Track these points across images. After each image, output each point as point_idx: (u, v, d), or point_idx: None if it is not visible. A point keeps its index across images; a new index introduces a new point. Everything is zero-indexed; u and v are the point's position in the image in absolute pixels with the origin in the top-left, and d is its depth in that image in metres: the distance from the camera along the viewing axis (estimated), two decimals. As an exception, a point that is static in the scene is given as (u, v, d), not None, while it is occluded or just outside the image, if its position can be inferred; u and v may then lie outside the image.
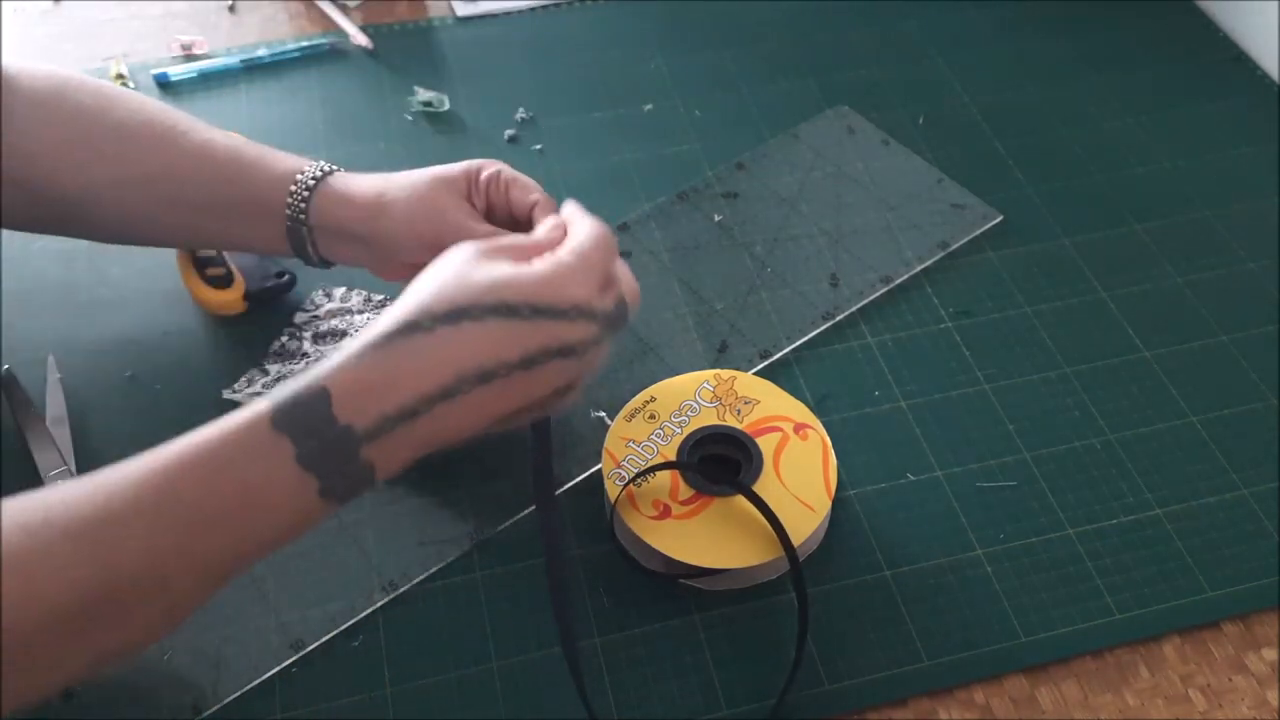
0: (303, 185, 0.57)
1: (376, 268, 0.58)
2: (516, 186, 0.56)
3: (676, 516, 0.54)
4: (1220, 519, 0.59)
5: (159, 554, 0.38)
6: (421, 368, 0.41)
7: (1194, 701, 0.53)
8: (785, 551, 0.53)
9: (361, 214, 0.56)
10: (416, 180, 0.56)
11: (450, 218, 0.55)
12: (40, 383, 0.63)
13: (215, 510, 0.39)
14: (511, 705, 0.52)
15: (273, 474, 0.40)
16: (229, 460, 0.39)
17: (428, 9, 0.89)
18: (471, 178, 0.56)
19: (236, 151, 0.58)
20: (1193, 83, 0.84)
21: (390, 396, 0.41)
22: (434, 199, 0.55)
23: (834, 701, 0.52)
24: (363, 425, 0.40)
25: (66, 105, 0.57)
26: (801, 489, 0.55)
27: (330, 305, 0.66)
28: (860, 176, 0.76)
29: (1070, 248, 0.72)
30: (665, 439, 0.57)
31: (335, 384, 0.41)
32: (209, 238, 0.61)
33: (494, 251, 0.45)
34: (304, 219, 0.57)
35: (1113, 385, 0.65)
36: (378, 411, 0.41)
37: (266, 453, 0.40)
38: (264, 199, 0.57)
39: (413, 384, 0.41)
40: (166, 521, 0.38)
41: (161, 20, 0.88)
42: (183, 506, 0.39)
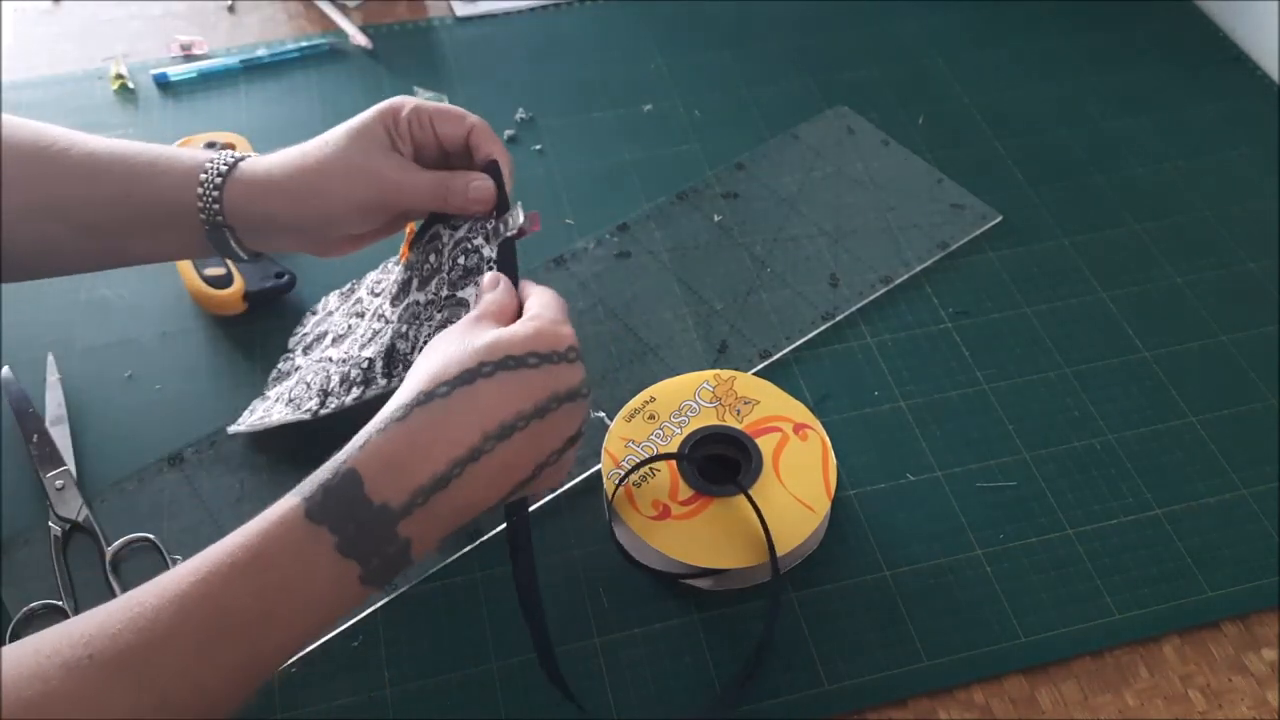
0: (211, 183, 0.51)
1: (316, 250, 0.55)
2: (442, 119, 0.53)
3: (676, 517, 0.54)
4: (1220, 519, 0.59)
5: (207, 669, 0.38)
6: (446, 433, 0.41)
7: (1194, 701, 0.53)
8: (769, 555, 0.53)
9: (287, 201, 0.52)
10: (336, 147, 0.52)
11: (387, 176, 0.52)
12: (40, 383, 0.63)
13: (259, 615, 0.39)
14: (511, 705, 0.52)
15: (315, 568, 0.39)
16: (271, 563, 0.39)
17: (427, 9, 0.89)
18: (388, 123, 0.52)
19: (126, 159, 0.52)
20: (1193, 83, 0.84)
21: (422, 467, 0.41)
22: (363, 163, 0.51)
23: (834, 701, 0.52)
24: (399, 501, 0.40)
25: None
26: (801, 489, 0.55)
27: (315, 319, 0.65)
28: (860, 177, 0.76)
29: (1070, 248, 0.72)
30: (665, 439, 0.57)
31: (364, 465, 0.40)
32: (123, 257, 0.55)
33: (480, 320, 0.46)
34: (221, 218, 0.52)
35: (1113, 385, 0.65)
36: (411, 484, 0.41)
37: (306, 547, 0.39)
38: (170, 206, 0.52)
39: (441, 450, 0.41)
40: (213, 636, 0.38)
41: (161, 20, 0.88)
42: (228, 618, 0.38)
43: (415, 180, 0.52)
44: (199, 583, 0.38)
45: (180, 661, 0.37)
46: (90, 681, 0.36)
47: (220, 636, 0.38)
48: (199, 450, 0.60)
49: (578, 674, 0.53)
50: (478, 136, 0.54)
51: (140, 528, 0.57)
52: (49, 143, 0.52)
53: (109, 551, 0.56)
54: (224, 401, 0.62)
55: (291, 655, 0.41)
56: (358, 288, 0.64)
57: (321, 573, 0.40)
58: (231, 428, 0.60)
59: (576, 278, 0.69)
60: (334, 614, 0.41)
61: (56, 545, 0.56)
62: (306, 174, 0.52)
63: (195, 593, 0.38)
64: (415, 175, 0.52)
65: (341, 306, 0.64)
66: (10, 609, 0.54)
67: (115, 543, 0.56)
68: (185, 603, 0.38)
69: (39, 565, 0.56)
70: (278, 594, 0.39)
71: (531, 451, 0.44)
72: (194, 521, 0.57)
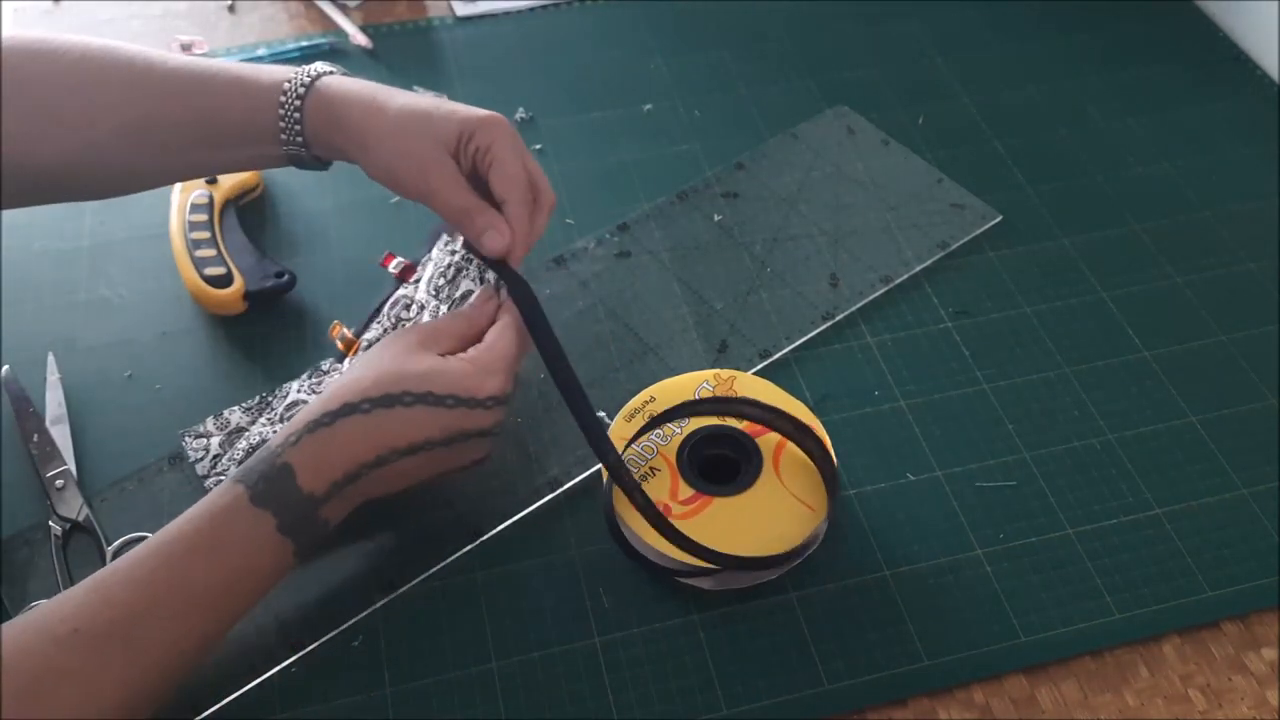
0: (291, 104, 0.54)
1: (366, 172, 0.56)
2: (498, 172, 0.54)
3: (677, 516, 0.54)
4: (1220, 519, 0.59)
5: (182, 637, 0.45)
6: (361, 442, 0.48)
7: (1194, 701, 0.53)
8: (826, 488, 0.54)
9: (345, 141, 0.54)
10: (410, 122, 0.53)
11: (430, 181, 0.53)
12: (40, 382, 0.63)
13: (222, 588, 0.46)
14: (511, 705, 0.52)
15: (262, 544, 0.47)
16: (226, 543, 0.46)
17: (428, 9, 0.89)
18: (463, 140, 0.54)
19: (208, 78, 0.54)
20: (1193, 83, 0.84)
21: (338, 466, 0.48)
22: (420, 155, 0.53)
23: (834, 701, 0.52)
24: (321, 491, 0.48)
25: (16, 76, 0.53)
26: (801, 489, 0.55)
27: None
28: (860, 176, 0.76)
29: (1070, 248, 0.72)
30: (665, 439, 0.57)
31: (296, 459, 0.47)
32: (201, 172, 0.58)
33: (430, 341, 0.52)
34: (300, 139, 0.54)
35: (1113, 385, 0.65)
36: (329, 479, 0.48)
37: (255, 528, 0.46)
38: (252, 126, 0.55)
39: (355, 455, 0.48)
40: (182, 607, 0.45)
41: (161, 20, 0.88)
42: (194, 591, 0.45)
43: (450, 195, 0.53)
44: (162, 567, 0.45)
45: (158, 632, 0.44)
46: (82, 653, 0.42)
47: (190, 609, 0.45)
48: (199, 450, 0.60)
49: (578, 674, 0.53)
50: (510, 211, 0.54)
51: (140, 528, 0.57)
52: (131, 63, 0.54)
53: (109, 551, 0.56)
54: (224, 401, 0.62)
55: (240, 617, 0.47)
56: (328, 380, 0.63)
57: (267, 548, 0.47)
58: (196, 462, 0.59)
59: (576, 277, 0.69)
60: (273, 581, 0.48)
61: (56, 545, 0.56)
62: (368, 123, 0.53)
63: (163, 576, 0.45)
64: (453, 191, 0.53)
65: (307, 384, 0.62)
66: (10, 609, 0.54)
67: (115, 542, 0.56)
68: (155, 585, 0.44)
69: (39, 565, 0.56)
70: (236, 569, 0.46)
71: (432, 466, 0.51)
72: (194, 521, 0.57)
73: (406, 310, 0.59)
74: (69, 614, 0.43)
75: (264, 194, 0.73)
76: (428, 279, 0.59)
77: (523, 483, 0.59)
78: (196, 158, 0.56)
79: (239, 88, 0.54)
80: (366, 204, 0.73)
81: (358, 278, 0.68)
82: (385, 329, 0.59)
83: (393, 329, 0.59)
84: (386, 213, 0.73)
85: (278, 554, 0.47)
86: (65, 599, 0.44)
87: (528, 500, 0.58)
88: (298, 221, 0.73)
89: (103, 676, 0.43)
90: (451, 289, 0.58)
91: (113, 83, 0.54)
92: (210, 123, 0.54)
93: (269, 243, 0.71)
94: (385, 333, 0.59)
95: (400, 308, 0.59)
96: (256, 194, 0.73)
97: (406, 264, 0.60)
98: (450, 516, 0.58)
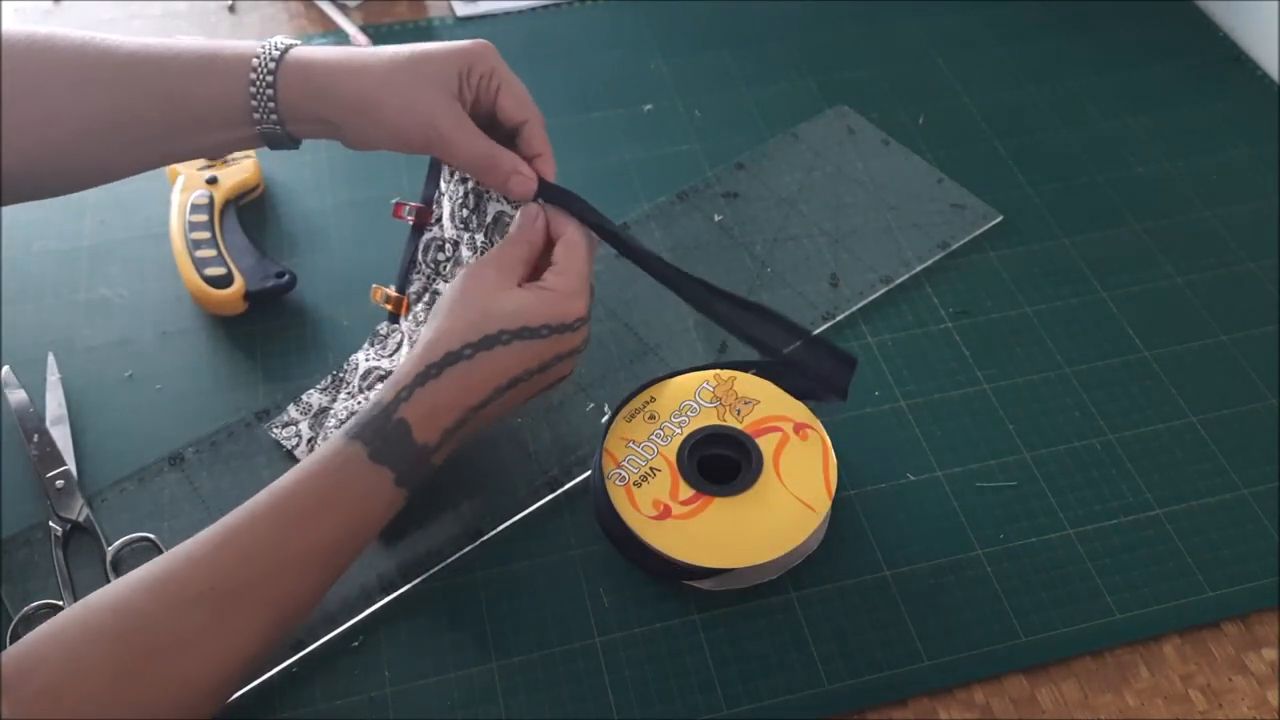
0: (263, 81, 0.51)
1: (349, 145, 0.54)
2: (507, 94, 0.53)
3: (677, 516, 0.54)
4: (1220, 519, 0.59)
5: (306, 590, 0.47)
6: (468, 387, 0.49)
7: (1194, 701, 0.53)
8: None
9: (338, 108, 0.51)
10: (402, 72, 0.51)
11: (441, 128, 0.51)
12: (40, 382, 0.63)
13: (341, 539, 0.47)
14: (511, 705, 0.52)
15: (379, 499, 0.48)
16: (347, 495, 0.47)
17: (428, 9, 0.89)
18: (463, 70, 0.52)
19: (171, 61, 0.51)
20: (1193, 83, 0.84)
21: (449, 415, 0.49)
22: (422, 103, 0.51)
23: (834, 701, 0.52)
24: (434, 440, 0.49)
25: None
26: (802, 489, 0.55)
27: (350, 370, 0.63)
28: (860, 176, 0.76)
29: (1070, 248, 0.72)
30: (665, 439, 0.57)
31: (410, 414, 0.48)
32: (171, 159, 0.55)
33: (506, 275, 0.52)
34: (275, 117, 0.51)
35: (1113, 385, 0.65)
36: (441, 428, 0.49)
37: (373, 484, 0.47)
38: (223, 107, 0.51)
39: (464, 400, 0.49)
40: (308, 562, 0.46)
41: (161, 20, 0.88)
42: (320, 545, 0.46)
43: (467, 144, 0.52)
44: (290, 525, 0.46)
45: (288, 586, 0.46)
46: (220, 611, 0.44)
47: (314, 564, 0.47)
48: (199, 450, 0.60)
49: (578, 674, 0.53)
50: (532, 131, 0.54)
51: (140, 528, 0.57)
52: (83, 52, 0.51)
53: (109, 551, 0.56)
54: (224, 401, 0.62)
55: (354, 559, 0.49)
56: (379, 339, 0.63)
57: (384, 500, 0.48)
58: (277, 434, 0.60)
59: (576, 278, 0.69)
60: (383, 523, 0.49)
61: (56, 545, 0.56)
62: (363, 86, 0.51)
63: (290, 534, 0.46)
64: (469, 137, 0.51)
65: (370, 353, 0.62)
66: (10, 609, 0.54)
67: (115, 543, 0.56)
68: (283, 542, 0.46)
69: (39, 565, 0.56)
70: (356, 522, 0.47)
71: (528, 391, 0.52)
72: (194, 521, 0.57)
73: (441, 251, 0.59)
74: (201, 575, 0.44)
75: (264, 194, 0.73)
76: (449, 214, 0.58)
77: (523, 483, 0.59)
78: (163, 147, 0.53)
79: (203, 68, 0.51)
80: (366, 204, 0.73)
81: (358, 277, 0.68)
82: (428, 275, 0.59)
83: (435, 274, 0.59)
84: (386, 212, 0.72)
85: (393, 503, 0.49)
86: (190, 558, 0.45)
87: (527, 500, 0.58)
88: (298, 221, 0.73)
89: (239, 633, 0.44)
90: (479, 216, 0.57)
91: (66, 79, 0.51)
92: (175, 110, 0.51)
93: (269, 243, 0.71)
94: (429, 280, 0.59)
95: (434, 250, 0.59)
96: (256, 194, 0.73)
97: (419, 207, 0.59)
98: (450, 516, 0.58)
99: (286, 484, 0.47)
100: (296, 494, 0.47)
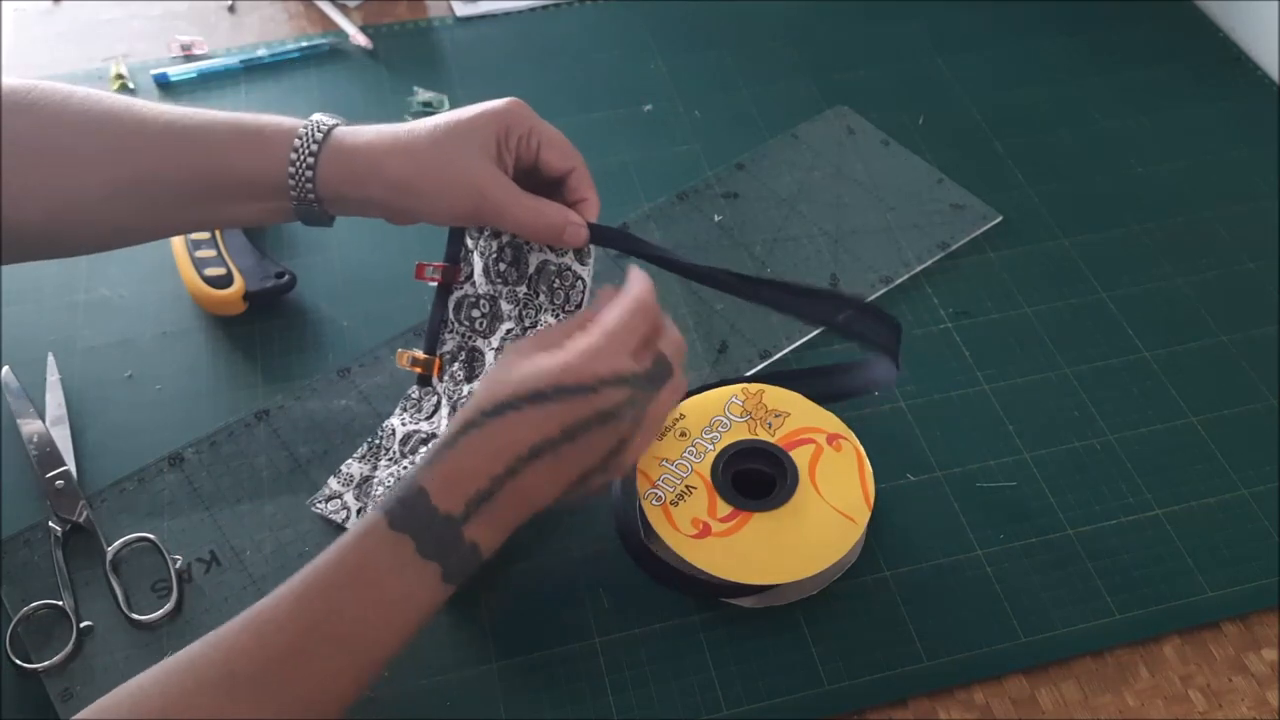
0: (303, 162, 0.51)
1: (394, 222, 0.55)
2: (549, 149, 0.53)
3: (717, 534, 0.54)
4: (1220, 519, 0.59)
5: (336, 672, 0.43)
6: (485, 455, 0.47)
7: (1194, 702, 0.53)
8: None
9: (383, 188, 0.51)
10: (443, 145, 0.51)
11: (489, 194, 0.51)
12: (40, 382, 0.63)
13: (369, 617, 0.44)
14: (511, 705, 0.52)
15: (405, 570, 0.45)
16: (368, 567, 0.45)
17: (428, 9, 0.89)
18: (501, 134, 0.52)
19: (208, 132, 0.51)
20: (1193, 83, 0.84)
21: (470, 483, 0.46)
22: (466, 173, 0.51)
23: (834, 701, 0.52)
24: (458, 510, 0.46)
25: (7, 130, 0.50)
26: (840, 500, 0.55)
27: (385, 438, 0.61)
28: (860, 177, 0.76)
29: (1070, 248, 0.72)
30: (698, 456, 0.57)
31: (428, 481, 0.46)
32: (197, 227, 0.56)
33: (541, 344, 0.49)
34: (313, 195, 0.51)
35: (1113, 385, 0.65)
36: (464, 496, 0.46)
37: (394, 552, 0.45)
38: (258, 180, 0.52)
39: (483, 469, 0.46)
40: (334, 642, 0.43)
41: (161, 20, 0.88)
42: (344, 624, 0.44)
43: (516, 207, 0.52)
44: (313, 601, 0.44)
45: (313, 669, 0.43)
46: (238, 697, 0.41)
47: (342, 644, 0.43)
48: (199, 450, 0.60)
49: (578, 674, 0.53)
50: (578, 179, 0.54)
51: (140, 528, 0.57)
52: (119, 118, 0.51)
53: (109, 551, 0.56)
54: (224, 401, 0.62)
55: (394, 652, 0.45)
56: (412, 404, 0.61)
57: (409, 573, 0.45)
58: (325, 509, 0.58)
59: (576, 278, 0.69)
60: (424, 610, 0.46)
61: (56, 545, 0.56)
62: (407, 167, 0.51)
63: (312, 610, 0.43)
64: (516, 200, 0.52)
65: (405, 416, 0.60)
66: (10, 609, 0.54)
67: (115, 543, 0.56)
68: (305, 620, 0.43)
69: (39, 565, 0.56)
70: (383, 598, 0.44)
71: (564, 467, 0.48)
72: (194, 521, 0.57)
73: (476, 308, 0.58)
74: (222, 658, 0.42)
75: (264, 194, 0.73)
76: (481, 270, 0.57)
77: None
78: (193, 214, 0.53)
79: (242, 141, 0.51)
80: (366, 204, 0.73)
81: (358, 278, 0.68)
82: (463, 334, 0.58)
83: (471, 331, 0.58)
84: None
85: (423, 579, 0.45)
86: (217, 640, 0.43)
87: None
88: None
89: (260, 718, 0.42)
90: (520, 268, 0.56)
91: (102, 138, 0.51)
92: (210, 180, 0.52)
93: (269, 243, 0.70)
94: (465, 338, 0.58)
95: (468, 308, 0.58)
96: (256, 194, 0.73)
97: (443, 266, 0.58)
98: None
99: (319, 559, 0.45)
100: (320, 568, 0.44)
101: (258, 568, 0.56)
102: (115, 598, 0.54)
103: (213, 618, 0.54)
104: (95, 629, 0.54)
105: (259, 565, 0.56)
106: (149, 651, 0.53)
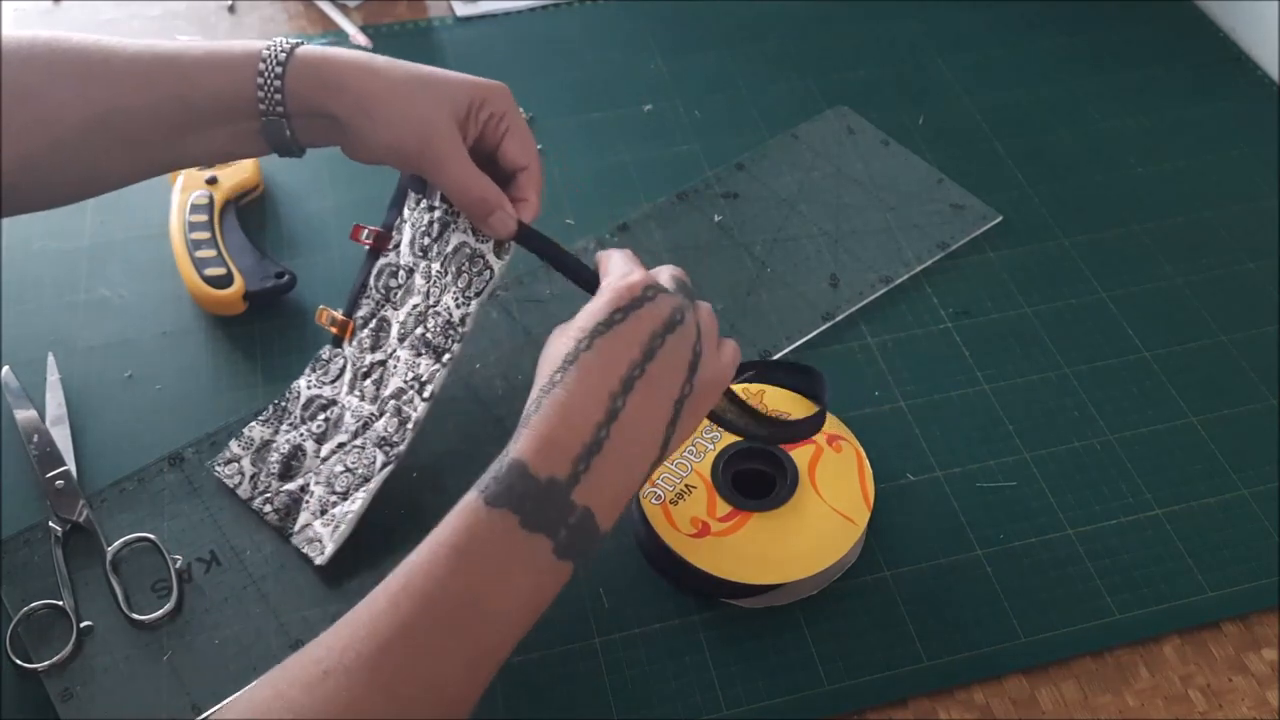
0: (271, 71, 0.50)
1: (348, 152, 0.54)
2: (513, 139, 0.53)
3: (716, 534, 0.54)
4: (1220, 519, 0.59)
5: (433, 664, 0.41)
6: (578, 404, 0.44)
7: (1194, 702, 0.53)
8: None
9: (345, 108, 0.51)
10: (413, 86, 0.51)
11: (440, 153, 0.51)
12: (40, 382, 0.63)
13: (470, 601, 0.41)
14: (511, 705, 0.52)
15: (508, 548, 0.42)
16: (467, 550, 0.42)
17: (428, 9, 0.89)
18: (475, 104, 0.52)
19: (174, 60, 0.50)
20: (1193, 83, 0.84)
21: (572, 439, 0.44)
22: (428, 122, 0.51)
23: (834, 701, 0.52)
24: (564, 472, 0.43)
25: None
26: (839, 501, 0.55)
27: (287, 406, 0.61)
28: (860, 177, 0.76)
29: (1070, 248, 0.72)
30: (698, 455, 0.57)
31: (522, 451, 0.44)
32: (170, 164, 0.54)
33: (566, 324, 0.48)
34: (282, 108, 0.51)
35: (1113, 385, 0.65)
36: (569, 455, 0.44)
37: (495, 531, 0.42)
38: (227, 101, 0.51)
39: (581, 419, 0.44)
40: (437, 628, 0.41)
41: (161, 20, 0.88)
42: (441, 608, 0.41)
43: (457, 166, 0.51)
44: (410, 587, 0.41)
45: (402, 659, 0.40)
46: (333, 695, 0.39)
47: (445, 629, 0.41)
48: (199, 450, 0.60)
49: (578, 674, 0.53)
50: (528, 179, 0.54)
51: (140, 528, 0.57)
52: (86, 53, 0.50)
53: (109, 551, 0.56)
54: (224, 401, 0.62)
55: (513, 639, 0.43)
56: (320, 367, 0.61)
57: (516, 551, 0.42)
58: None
59: (576, 278, 0.69)
60: (541, 591, 0.43)
61: (56, 545, 0.56)
62: (372, 84, 0.51)
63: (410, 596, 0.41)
64: (461, 161, 0.51)
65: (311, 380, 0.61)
66: (10, 609, 0.54)
67: (115, 543, 0.56)
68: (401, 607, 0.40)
69: (39, 565, 0.56)
70: (481, 577, 0.41)
71: (660, 391, 0.46)
72: (194, 521, 0.57)
73: (394, 277, 0.58)
74: (320, 655, 0.40)
75: (264, 194, 0.73)
76: (408, 240, 0.58)
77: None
78: (165, 147, 0.52)
79: (209, 62, 0.51)
80: (366, 204, 0.73)
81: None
82: (377, 301, 0.59)
83: (384, 300, 0.58)
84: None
85: (532, 556, 0.42)
86: (319, 640, 0.41)
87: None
88: (298, 221, 0.73)
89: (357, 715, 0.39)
90: (441, 244, 0.56)
91: (69, 76, 0.50)
92: (180, 104, 0.51)
93: (269, 243, 0.71)
94: (378, 306, 0.58)
95: (387, 276, 0.58)
96: (256, 194, 0.73)
97: (377, 231, 0.59)
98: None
99: (418, 548, 0.43)
100: (419, 556, 0.42)
101: (258, 568, 0.56)
102: (115, 597, 0.54)
103: (213, 618, 0.54)
104: (95, 629, 0.54)
105: (259, 565, 0.56)
106: (149, 651, 0.53)
